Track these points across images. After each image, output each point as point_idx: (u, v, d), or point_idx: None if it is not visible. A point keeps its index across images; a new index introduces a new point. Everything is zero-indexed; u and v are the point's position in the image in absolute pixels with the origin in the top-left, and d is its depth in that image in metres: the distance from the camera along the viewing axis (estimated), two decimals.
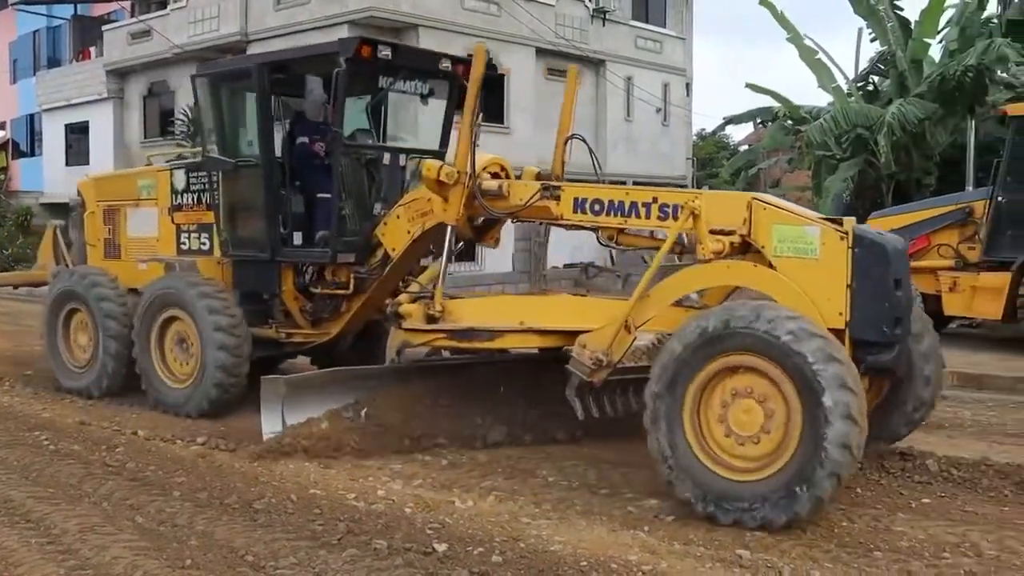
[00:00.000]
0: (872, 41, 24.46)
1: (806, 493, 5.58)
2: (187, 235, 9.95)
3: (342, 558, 5.35)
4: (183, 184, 9.92)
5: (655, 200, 6.95)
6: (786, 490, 5.65)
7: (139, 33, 31.08)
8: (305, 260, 9.18)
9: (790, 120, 25.57)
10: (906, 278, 6.41)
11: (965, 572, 5.20)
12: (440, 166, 7.66)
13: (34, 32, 39.12)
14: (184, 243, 9.98)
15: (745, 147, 33.73)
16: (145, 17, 31.08)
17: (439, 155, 9.03)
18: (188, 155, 16.07)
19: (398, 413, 7.75)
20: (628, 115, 31.56)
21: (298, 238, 9.05)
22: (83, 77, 34.19)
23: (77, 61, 35.92)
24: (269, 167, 8.90)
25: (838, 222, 6.29)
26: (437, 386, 8.00)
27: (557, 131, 8.42)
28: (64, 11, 37.71)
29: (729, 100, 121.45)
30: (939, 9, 23.20)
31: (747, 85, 32.11)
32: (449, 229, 7.81)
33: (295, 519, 6.03)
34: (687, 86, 35.11)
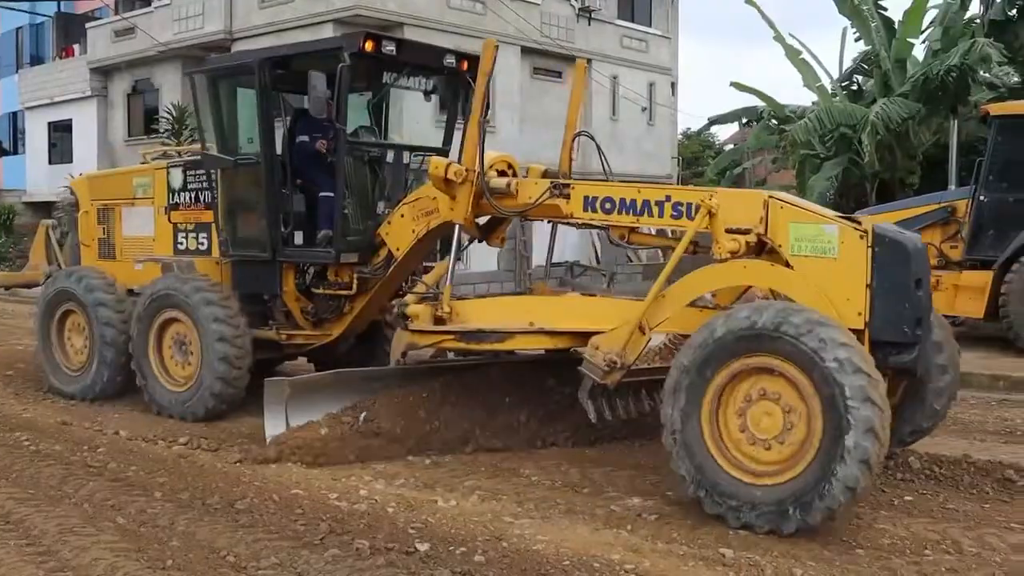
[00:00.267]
0: (856, 41, 24.52)
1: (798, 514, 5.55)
2: (184, 235, 9.72)
3: (324, 558, 5.31)
4: (180, 182, 9.70)
5: (668, 199, 6.79)
6: (779, 505, 5.62)
7: (123, 31, 30.84)
8: (308, 260, 8.97)
9: (775, 119, 25.63)
10: (926, 277, 6.27)
11: (946, 569, 5.21)
12: (448, 164, 7.50)
13: (17, 29, 38.83)
14: (181, 243, 9.75)
15: (730, 146, 33.76)
16: (129, 15, 30.84)
17: (443, 153, 8.86)
18: (173, 153, 16.02)
19: (399, 418, 7.55)
20: (614, 114, 31.57)
21: (299, 237, 8.84)
22: (66, 75, 33.90)
23: (60, 58, 35.55)
24: (270, 165, 8.68)
25: (856, 220, 6.17)
26: (442, 388, 7.80)
27: (564, 128, 8.26)
28: (47, 8, 37.39)
29: (714, 99, 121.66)
30: (922, 9, 23.27)
31: (732, 84, 32.12)
32: (457, 228, 7.66)
33: (277, 519, 5.99)
34: (673, 85, 35.15)
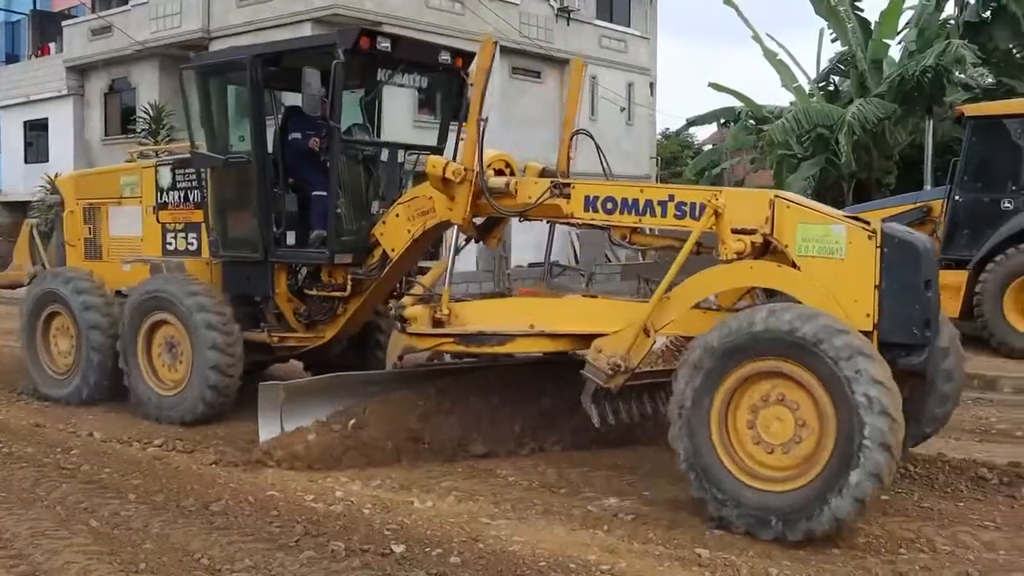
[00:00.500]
0: (833, 41, 24.56)
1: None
2: (173, 235, 9.52)
3: (299, 560, 5.29)
4: (169, 181, 9.50)
5: (671, 198, 6.66)
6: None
7: (100, 29, 30.52)
8: (301, 261, 8.81)
9: (752, 120, 25.72)
10: (935, 278, 6.18)
11: (920, 567, 5.23)
12: (446, 162, 7.35)
13: None
14: (170, 243, 9.56)
15: (709, 147, 33.85)
16: (106, 13, 30.54)
17: (438, 152, 8.73)
18: (150, 153, 15.89)
19: (390, 425, 7.37)
20: (592, 114, 31.49)
21: (292, 238, 8.68)
22: (42, 73, 33.44)
23: (36, 57, 35.09)
24: (262, 163, 8.50)
25: (865, 220, 6.07)
26: (437, 394, 7.61)
27: (562, 126, 8.13)
28: (23, 5, 36.90)
29: (693, 99, 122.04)
30: (898, 10, 23.36)
31: (710, 84, 32.20)
32: (456, 229, 7.52)
33: (252, 521, 5.96)
34: (651, 85, 35.19)
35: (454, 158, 7.90)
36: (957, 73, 21.39)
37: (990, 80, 22.25)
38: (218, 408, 8.59)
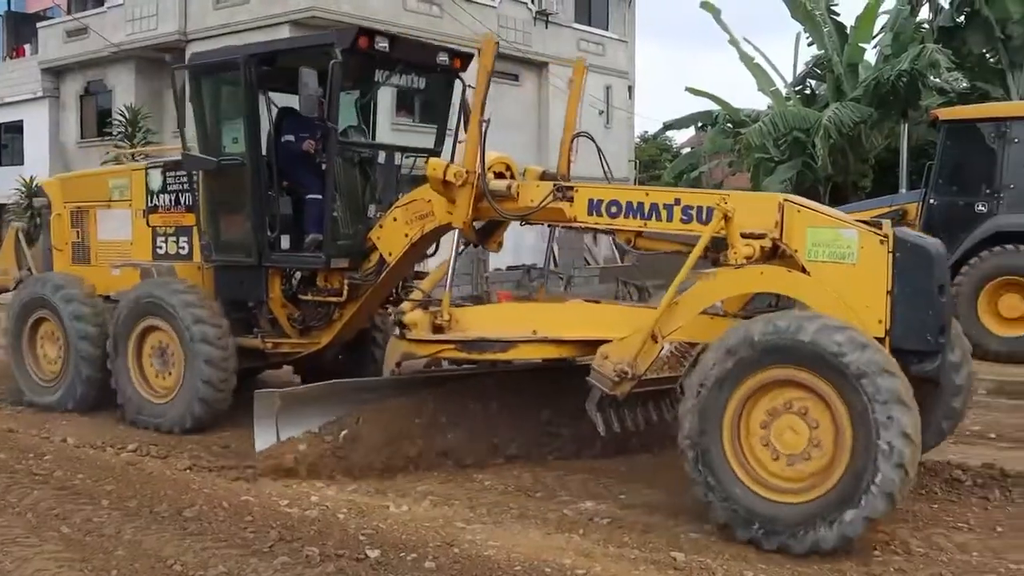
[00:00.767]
0: (809, 45, 24.74)
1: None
2: (164, 239, 9.29)
3: (273, 566, 5.22)
4: (159, 184, 9.26)
5: (677, 202, 6.53)
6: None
7: (75, 31, 30.18)
8: (296, 265, 8.59)
9: (730, 123, 25.86)
10: (947, 283, 6.09)
11: (895, 570, 5.21)
12: (447, 165, 7.18)
13: None
14: (161, 247, 9.32)
15: (687, 150, 33.98)
16: (81, 15, 30.24)
17: (434, 154, 8.54)
18: (126, 156, 15.76)
19: (383, 436, 7.14)
20: None
21: (286, 242, 8.44)
22: (17, 75, 32.99)
23: (10, 58, 34.65)
24: (255, 166, 8.28)
25: (876, 225, 5.99)
26: (434, 402, 7.38)
27: (563, 129, 8.01)
28: None
29: (671, 102, 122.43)
30: (874, 14, 23.57)
31: (687, 89, 32.29)
32: (456, 233, 7.34)
33: (226, 527, 5.86)
34: (629, 88, 35.22)
35: (451, 161, 7.74)
36: (932, 77, 21.60)
37: (964, 84, 22.49)
38: (214, 402, 8.37)
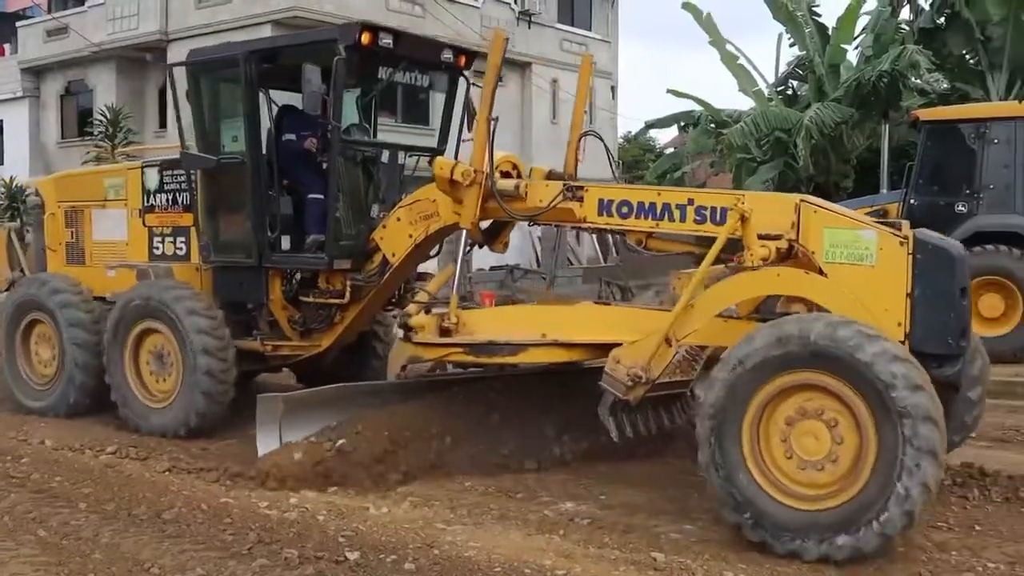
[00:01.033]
0: (791, 46, 24.79)
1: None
2: (161, 239, 9.09)
3: (251, 568, 5.16)
4: (156, 183, 9.07)
5: (691, 202, 6.38)
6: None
7: (55, 30, 30.01)
8: (298, 266, 8.40)
9: (712, 123, 25.93)
10: (968, 286, 5.97)
11: (874, 569, 5.18)
12: (454, 164, 7.01)
13: None
14: (157, 248, 9.12)
15: (670, 150, 34.06)
16: (61, 14, 30.07)
17: (439, 153, 8.40)
18: (106, 156, 15.69)
19: (382, 444, 6.90)
20: (554, 117, 31.56)
21: (287, 242, 8.27)
22: None
23: None
24: (256, 165, 8.09)
25: (896, 226, 5.88)
26: (441, 405, 7.23)
27: (570, 127, 7.85)
28: None
29: (655, 103, 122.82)
30: (855, 15, 23.67)
31: (668, 91, 32.39)
32: (464, 233, 7.15)
33: (205, 529, 5.80)
34: (612, 89, 35.29)
35: (455, 158, 7.60)
36: (912, 78, 21.67)
37: (945, 85, 22.60)
38: (214, 405, 8.17)
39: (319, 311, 8.43)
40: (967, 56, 22.79)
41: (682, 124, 27.25)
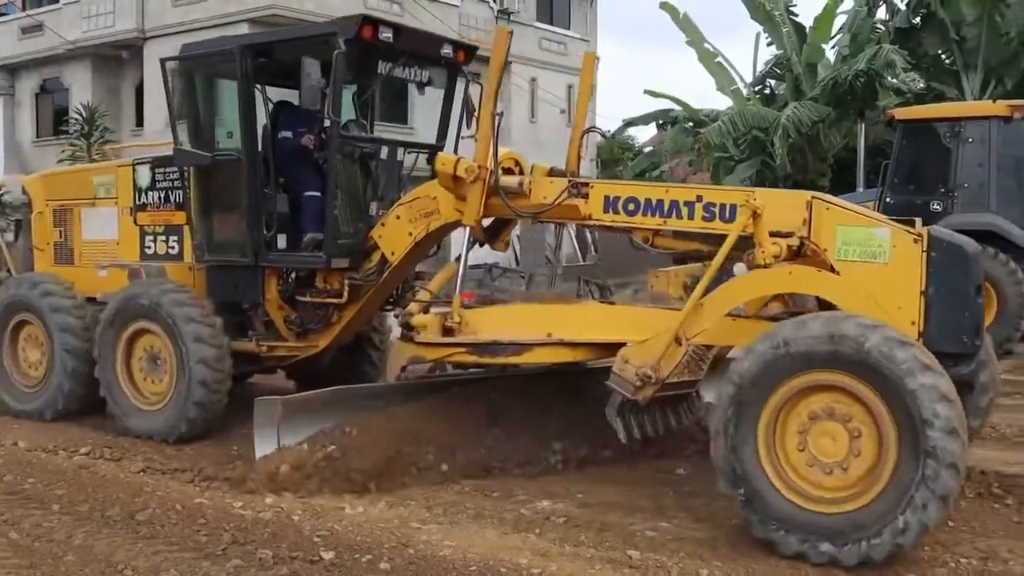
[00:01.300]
0: (769, 45, 24.92)
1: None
2: (153, 238, 8.85)
3: (225, 569, 5.10)
4: (148, 181, 8.82)
5: (699, 199, 6.25)
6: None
7: (30, 28, 29.68)
8: (295, 265, 8.17)
9: (690, 122, 26.03)
10: (983, 284, 5.88)
11: (846, 567, 5.28)
12: (457, 160, 6.84)
13: None
14: (149, 247, 8.87)
15: (649, 148, 34.16)
16: (36, 11, 29.73)
17: (438, 149, 8.21)
18: (82, 155, 15.56)
19: (375, 450, 6.70)
20: (532, 116, 31.54)
21: (283, 241, 8.07)
22: None
23: None
24: (252, 161, 7.88)
25: (909, 223, 5.78)
26: (441, 406, 7.07)
27: (573, 123, 7.68)
28: None
29: (633, 102, 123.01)
30: (832, 15, 23.84)
31: (646, 91, 32.46)
32: (468, 231, 7.00)
33: (179, 530, 5.71)
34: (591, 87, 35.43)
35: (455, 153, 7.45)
36: (888, 78, 21.84)
37: (920, 85, 22.78)
38: (209, 408, 7.92)
39: (316, 311, 8.22)
40: (942, 56, 22.98)
41: (660, 123, 27.34)
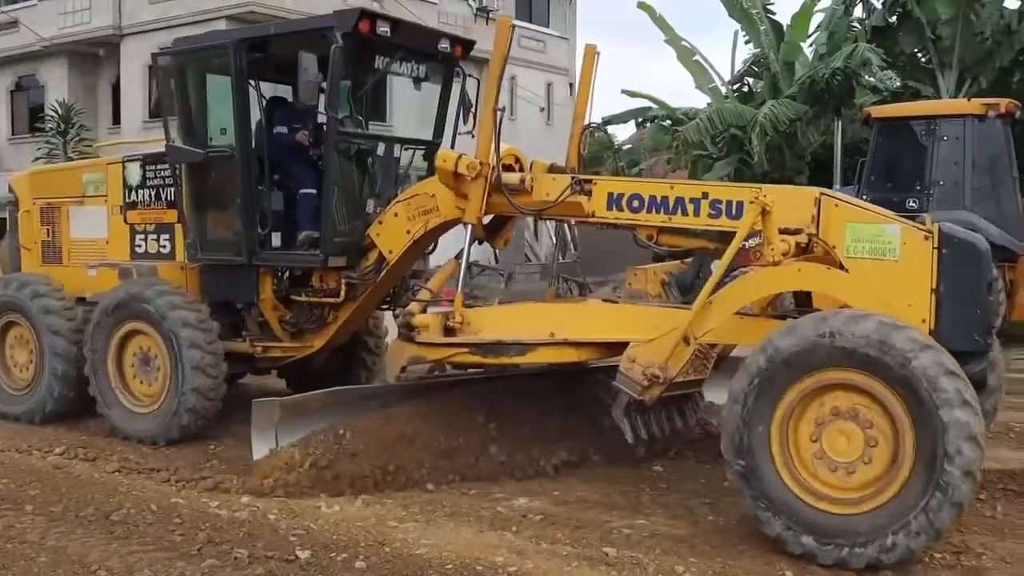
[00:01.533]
0: (747, 44, 24.96)
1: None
2: (143, 237, 8.71)
3: (200, 569, 5.08)
4: (138, 179, 8.70)
5: (705, 195, 6.19)
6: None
7: (5, 24, 29.27)
8: (291, 264, 8.05)
9: (669, 120, 26.07)
10: (994, 281, 5.83)
11: (821, 565, 5.28)
12: (458, 156, 6.70)
13: None
14: (140, 246, 8.74)
15: (628, 146, 34.23)
16: (11, 8, 29.33)
17: (435, 146, 8.15)
18: (58, 153, 15.41)
19: (367, 454, 6.61)
20: (511, 114, 31.47)
21: (278, 239, 7.94)
22: None
23: None
24: (246, 158, 7.75)
25: (920, 220, 5.74)
26: (439, 409, 6.96)
27: (572, 119, 7.60)
28: None
29: (613, 99, 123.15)
30: (809, 13, 23.92)
31: (623, 91, 32.56)
32: (469, 229, 6.89)
33: (154, 530, 5.69)
34: (570, 85, 35.29)
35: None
36: (865, 76, 21.94)
37: (897, 83, 22.88)
38: (204, 411, 7.83)
39: (312, 311, 8.10)
40: (918, 54, 23.06)
41: (640, 120, 27.37)
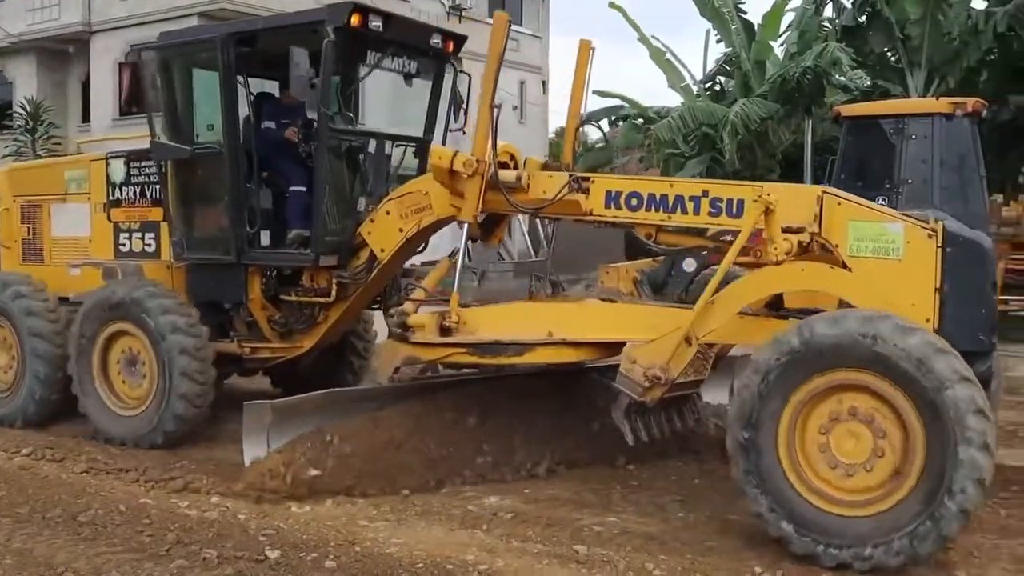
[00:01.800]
0: (718, 43, 25.00)
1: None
2: (128, 235, 8.59)
3: (169, 570, 5.10)
4: (122, 176, 8.57)
5: (705, 194, 6.15)
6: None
7: None
8: (281, 263, 7.92)
9: (641, 119, 26.11)
10: (997, 280, 5.79)
11: (798, 559, 5.31)
12: (454, 153, 6.65)
13: None
14: (124, 244, 8.62)
15: (601, 144, 34.28)
16: None
17: (425, 143, 8.09)
18: (27, 151, 15.22)
19: (359, 459, 6.55)
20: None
21: (267, 238, 7.82)
22: None
23: None
24: (234, 155, 7.62)
25: (923, 219, 5.70)
26: (434, 412, 6.89)
27: (567, 115, 7.59)
28: None
29: (587, 98, 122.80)
30: (780, 13, 24.00)
31: (595, 92, 32.56)
32: (465, 227, 6.82)
33: (122, 531, 5.72)
34: (544, 84, 35.28)
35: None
36: (835, 75, 22.05)
37: (867, 83, 23.02)
38: (191, 415, 7.72)
39: (301, 310, 7.99)
40: (888, 54, 23.19)
41: (612, 119, 27.39)
